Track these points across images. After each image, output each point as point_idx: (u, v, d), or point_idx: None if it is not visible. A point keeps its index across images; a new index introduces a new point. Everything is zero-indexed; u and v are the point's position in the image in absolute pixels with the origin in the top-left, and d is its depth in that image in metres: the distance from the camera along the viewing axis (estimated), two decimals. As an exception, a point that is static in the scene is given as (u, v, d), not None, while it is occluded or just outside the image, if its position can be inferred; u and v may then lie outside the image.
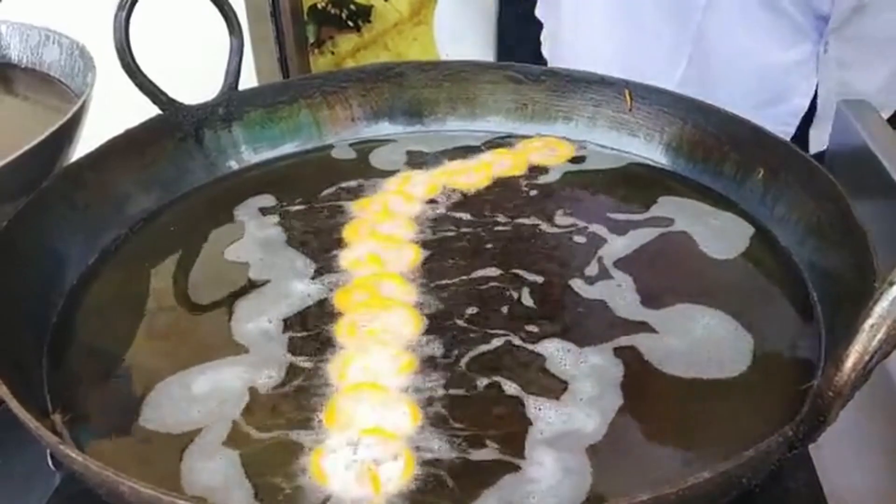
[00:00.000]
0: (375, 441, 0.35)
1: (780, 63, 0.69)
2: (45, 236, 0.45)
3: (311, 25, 1.55)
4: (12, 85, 0.64)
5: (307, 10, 1.54)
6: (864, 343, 0.25)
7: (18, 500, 0.44)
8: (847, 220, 0.41)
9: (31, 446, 0.46)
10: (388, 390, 0.37)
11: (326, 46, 1.57)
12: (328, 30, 1.56)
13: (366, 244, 0.48)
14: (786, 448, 0.29)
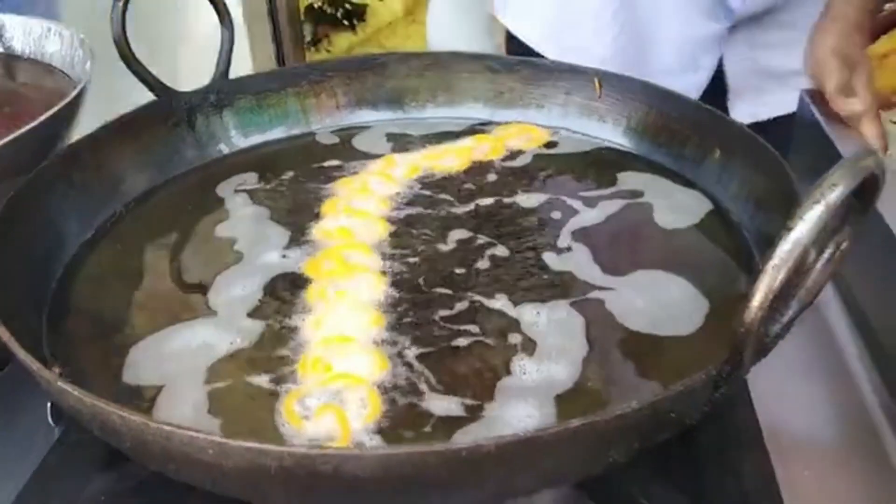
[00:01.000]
0: (345, 386, 0.38)
1: (693, 36, 0.73)
2: (45, 211, 0.48)
3: (307, 24, 1.59)
4: (16, 74, 0.68)
5: (304, 9, 1.58)
6: (767, 282, 0.28)
7: (20, 455, 0.47)
8: (789, 192, 0.44)
9: (31, 405, 0.49)
10: (358, 342, 0.41)
11: (322, 45, 1.61)
12: (324, 28, 1.60)
13: (339, 218, 0.52)
14: (711, 385, 0.32)
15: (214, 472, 0.31)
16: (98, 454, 0.45)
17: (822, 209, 0.27)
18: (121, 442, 0.33)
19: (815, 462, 0.44)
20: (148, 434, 0.31)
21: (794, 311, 0.34)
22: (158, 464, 0.33)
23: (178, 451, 0.31)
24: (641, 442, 0.33)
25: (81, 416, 0.34)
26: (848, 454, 0.45)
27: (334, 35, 1.60)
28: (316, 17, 1.58)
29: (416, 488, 0.31)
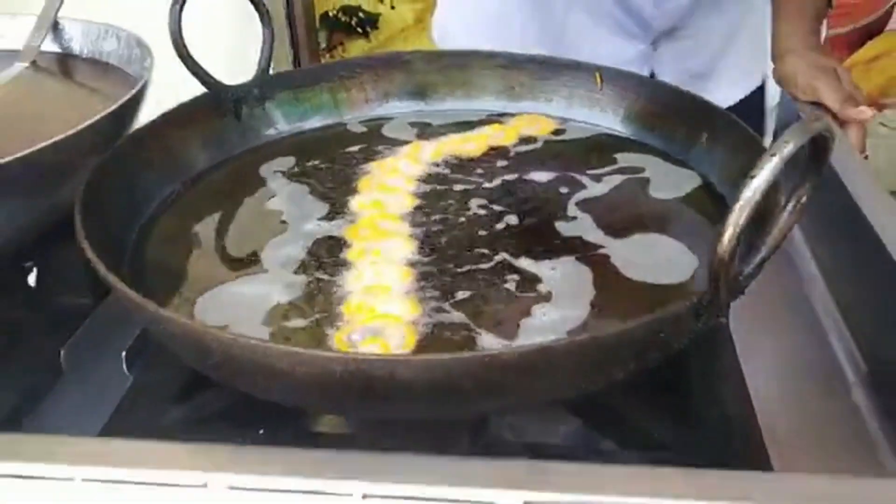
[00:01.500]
0: (385, 324, 0.46)
1: (621, 57, 0.82)
2: (120, 182, 0.56)
3: (322, 32, 1.67)
4: (74, 72, 0.75)
5: (319, 18, 1.66)
6: (735, 219, 0.35)
7: (97, 401, 0.54)
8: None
9: (107, 356, 0.57)
10: (393, 291, 0.48)
11: (337, 51, 1.69)
12: (338, 36, 1.68)
13: (373, 193, 0.59)
14: (694, 312, 0.40)
15: (289, 381, 0.38)
16: (170, 393, 0.53)
17: (777, 160, 0.35)
18: (209, 359, 0.40)
19: (788, 396, 0.51)
20: (236, 348, 0.38)
21: (764, 253, 0.41)
22: (241, 378, 0.40)
23: (261, 363, 0.38)
24: (638, 359, 0.40)
25: (176, 339, 0.41)
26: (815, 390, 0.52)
27: (348, 42, 1.68)
28: (331, 24, 1.66)
29: (455, 392, 0.38)
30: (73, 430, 0.52)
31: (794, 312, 0.57)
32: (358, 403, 0.39)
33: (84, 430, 0.51)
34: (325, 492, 0.35)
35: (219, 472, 0.36)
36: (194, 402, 0.52)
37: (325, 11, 1.66)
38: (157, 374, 0.54)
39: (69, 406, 0.55)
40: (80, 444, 0.40)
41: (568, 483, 0.35)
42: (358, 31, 1.67)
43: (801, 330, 0.55)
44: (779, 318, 0.56)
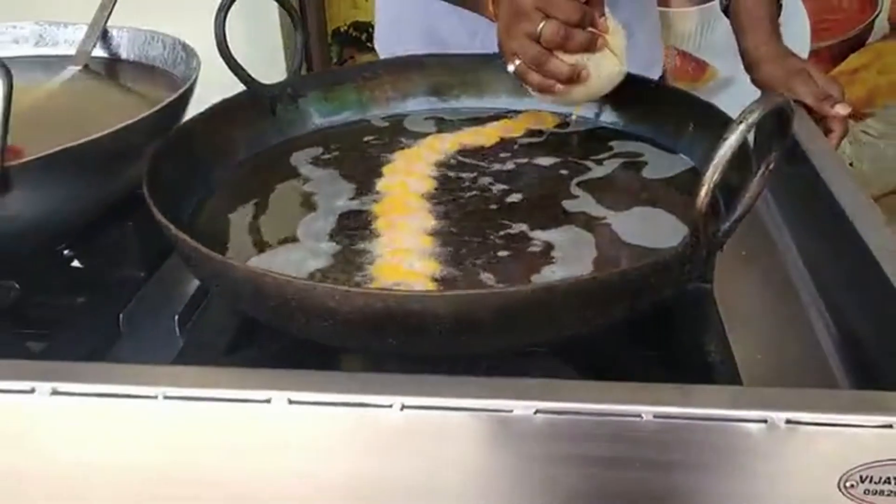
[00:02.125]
0: (410, 279, 0.53)
1: None
2: (174, 168, 0.63)
3: (334, 46, 1.76)
4: (123, 75, 0.83)
5: (331, 33, 1.75)
6: (710, 176, 0.42)
7: (150, 360, 0.61)
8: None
9: (160, 320, 0.64)
10: (415, 253, 0.56)
11: (347, 65, 1.78)
12: (349, 50, 1.76)
13: (398, 176, 0.67)
14: (678, 261, 0.47)
15: (336, 318, 0.45)
16: (220, 347, 0.60)
17: (744, 126, 0.42)
18: (267, 302, 0.47)
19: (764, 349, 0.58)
20: (291, 289, 0.45)
21: (739, 213, 0.49)
22: (293, 318, 0.47)
23: (313, 303, 0.45)
24: (633, 301, 0.47)
25: (237, 284, 0.48)
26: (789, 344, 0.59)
27: (359, 56, 1.77)
28: (342, 40, 1.75)
29: (475, 325, 0.45)
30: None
31: (771, 280, 0.64)
32: (395, 337, 0.46)
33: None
34: (371, 404, 0.42)
35: (280, 391, 0.43)
36: (239, 356, 0.59)
37: (338, 27, 1.75)
38: (207, 333, 0.61)
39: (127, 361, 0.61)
40: (163, 370, 0.46)
41: (571, 395, 0.41)
42: (368, 46, 1.76)
43: (775, 290, 0.63)
44: (756, 287, 0.63)
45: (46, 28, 0.85)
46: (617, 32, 0.66)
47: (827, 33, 1.61)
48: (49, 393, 0.44)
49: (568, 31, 0.62)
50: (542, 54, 0.63)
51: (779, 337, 0.61)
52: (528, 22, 0.63)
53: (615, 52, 0.66)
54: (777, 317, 0.62)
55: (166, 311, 0.64)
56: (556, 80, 0.65)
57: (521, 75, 0.66)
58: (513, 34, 0.65)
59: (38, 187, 0.59)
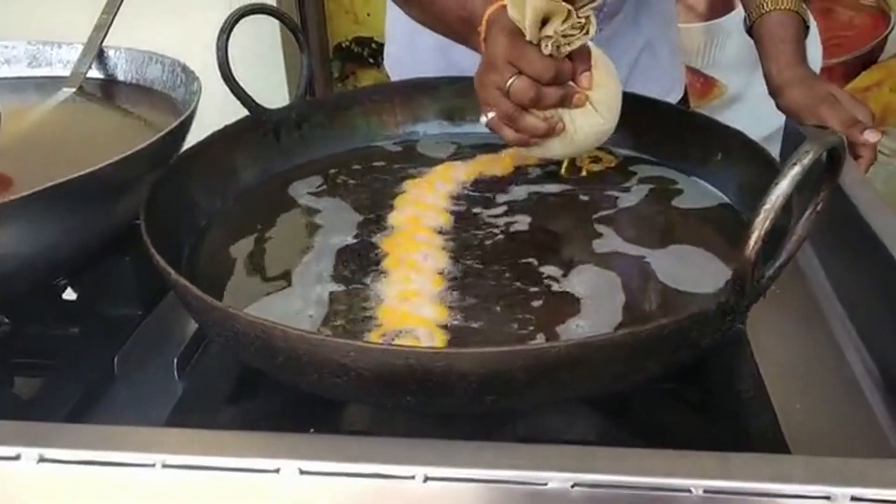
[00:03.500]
0: (416, 325, 0.49)
1: None
2: (175, 200, 0.59)
3: (336, 62, 1.72)
4: (119, 98, 0.79)
5: (333, 49, 1.72)
6: (761, 220, 0.39)
7: (147, 406, 0.57)
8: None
9: (157, 362, 0.60)
10: (424, 296, 0.52)
11: (349, 81, 1.74)
12: (351, 66, 1.73)
13: (409, 209, 0.63)
14: (721, 312, 0.43)
15: (351, 375, 0.41)
16: (222, 395, 0.56)
17: (799, 168, 0.38)
18: (275, 356, 0.43)
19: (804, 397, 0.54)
20: (303, 344, 0.41)
21: (784, 258, 0.45)
22: (303, 374, 0.43)
23: (325, 358, 0.41)
24: (671, 355, 0.43)
25: (243, 336, 0.44)
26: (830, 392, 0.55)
27: (361, 72, 1.73)
28: (344, 55, 1.72)
29: (505, 384, 0.41)
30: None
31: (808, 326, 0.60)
32: (414, 395, 0.42)
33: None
34: (391, 475, 0.38)
35: (291, 459, 0.39)
36: (244, 405, 0.55)
37: (339, 42, 1.72)
38: (208, 379, 0.57)
39: (123, 410, 0.57)
40: (161, 434, 0.43)
41: (613, 466, 0.38)
42: (370, 62, 1.72)
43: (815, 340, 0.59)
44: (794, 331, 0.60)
45: (40, 48, 0.82)
46: (604, 86, 0.61)
47: (839, 50, 1.58)
48: (36, 460, 0.40)
49: (538, 90, 0.58)
50: (514, 109, 0.59)
51: (817, 381, 0.57)
52: (498, 75, 0.59)
53: (597, 108, 0.61)
54: (813, 358, 0.59)
55: (165, 353, 0.60)
56: (531, 135, 0.61)
57: (494, 129, 0.62)
58: (485, 83, 0.60)
59: (30, 224, 0.55)
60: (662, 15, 0.88)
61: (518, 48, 0.56)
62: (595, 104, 0.61)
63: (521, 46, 0.56)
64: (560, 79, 0.58)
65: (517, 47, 0.56)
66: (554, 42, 0.55)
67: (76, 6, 0.83)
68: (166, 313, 0.63)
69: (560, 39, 0.55)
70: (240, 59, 0.69)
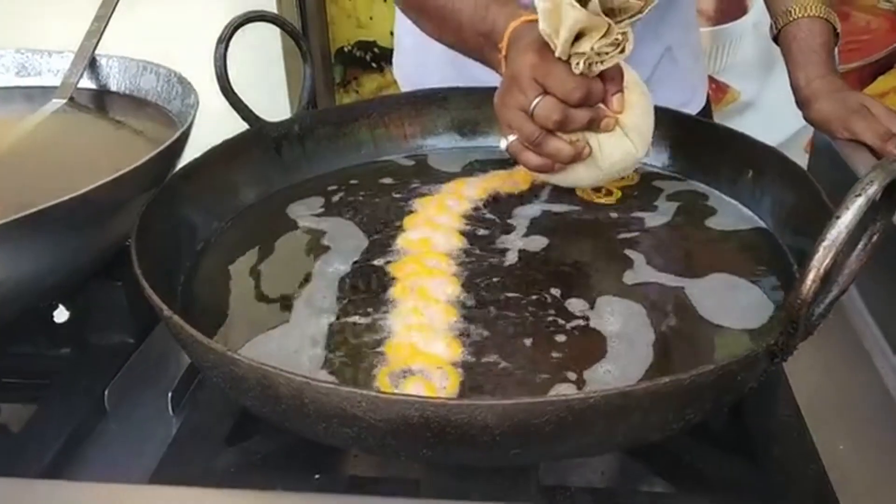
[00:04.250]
0: (427, 364, 0.45)
1: None
2: (170, 223, 0.55)
3: (337, 67, 1.68)
4: (113, 109, 0.75)
5: (334, 53, 1.68)
6: (820, 259, 0.35)
7: (140, 443, 0.53)
8: (817, 201, 0.51)
9: (151, 396, 0.56)
10: (435, 330, 0.48)
11: (351, 86, 1.70)
12: (353, 71, 1.69)
13: (420, 230, 0.59)
14: (769, 355, 0.39)
15: (361, 426, 0.37)
16: (220, 435, 0.52)
17: (863, 200, 0.34)
18: (277, 404, 0.39)
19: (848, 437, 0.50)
20: (309, 392, 0.37)
21: (835, 294, 0.41)
22: (309, 423, 0.39)
23: (333, 407, 0.37)
24: (714, 401, 0.39)
25: (244, 382, 0.40)
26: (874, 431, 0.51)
27: (363, 77, 1.70)
28: (346, 60, 1.68)
29: (532, 437, 0.37)
30: (118, 473, 0.51)
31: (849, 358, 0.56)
32: (431, 448, 0.38)
33: (130, 473, 0.50)
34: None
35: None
36: (245, 444, 0.51)
37: (341, 47, 1.68)
38: (204, 416, 0.53)
39: (114, 448, 0.53)
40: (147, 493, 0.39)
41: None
42: (373, 66, 1.68)
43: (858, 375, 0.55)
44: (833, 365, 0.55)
45: (29, 57, 0.78)
46: (637, 107, 0.56)
47: (854, 55, 1.54)
48: (12, 523, 0.36)
49: (565, 111, 0.52)
50: (538, 133, 0.54)
51: (860, 420, 0.53)
52: (522, 94, 0.53)
53: (628, 133, 0.55)
54: (855, 395, 0.55)
55: (158, 386, 0.56)
56: (555, 161, 0.55)
57: (515, 153, 0.56)
58: (507, 103, 0.55)
59: (12, 250, 0.51)
60: (683, 20, 0.84)
61: (545, 65, 0.51)
62: (625, 129, 0.55)
63: (548, 64, 0.51)
64: (590, 100, 0.53)
65: (544, 64, 0.51)
66: (587, 59, 0.50)
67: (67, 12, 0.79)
68: (160, 342, 0.59)
69: (594, 57, 0.50)
70: (240, 69, 0.65)
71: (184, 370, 0.56)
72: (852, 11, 1.52)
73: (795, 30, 0.75)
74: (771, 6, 0.78)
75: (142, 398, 0.56)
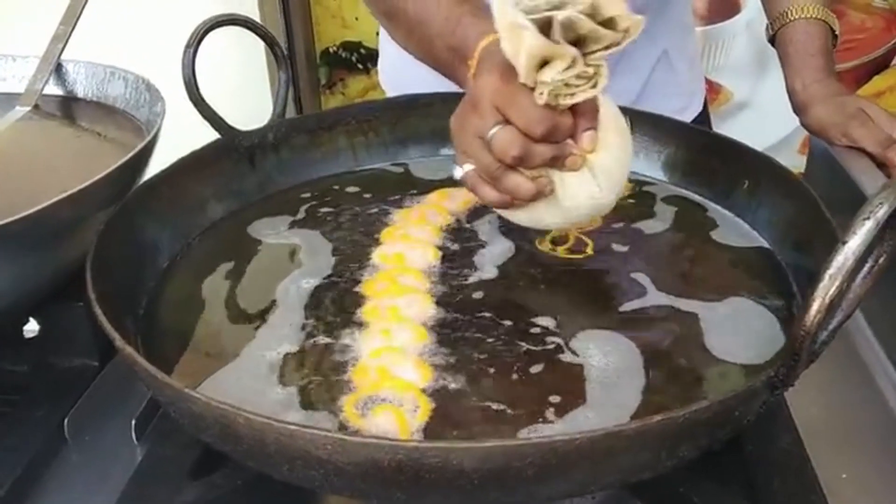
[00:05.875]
0: (396, 391, 0.42)
1: None
2: (132, 239, 0.52)
3: (323, 68, 1.65)
4: (79, 117, 0.72)
5: (320, 54, 1.64)
6: (825, 288, 0.32)
7: (102, 474, 0.50)
8: (816, 214, 0.49)
9: (114, 423, 0.53)
10: (406, 353, 0.45)
11: (337, 88, 1.67)
12: (339, 72, 1.66)
13: (396, 245, 0.56)
14: (769, 387, 0.36)
15: (328, 469, 0.34)
16: (184, 467, 0.48)
17: (872, 224, 0.32)
18: (238, 444, 0.36)
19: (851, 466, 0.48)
20: (270, 434, 0.34)
21: (839, 319, 0.38)
22: (272, 464, 0.36)
23: (297, 449, 0.34)
24: (710, 437, 0.37)
25: (202, 420, 0.37)
26: (879, 459, 0.48)
27: (349, 78, 1.66)
28: (332, 61, 1.64)
29: (512, 480, 0.34)
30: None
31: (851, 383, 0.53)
32: (405, 491, 0.35)
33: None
34: None
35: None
36: (213, 477, 0.48)
37: (327, 48, 1.64)
38: (170, 445, 0.50)
39: (74, 479, 0.51)
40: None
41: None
42: (359, 68, 1.65)
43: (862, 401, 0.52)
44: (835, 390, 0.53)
45: (-9, 62, 0.74)
46: (611, 148, 0.48)
47: (850, 54, 1.52)
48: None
49: (526, 146, 0.45)
50: (496, 165, 0.47)
51: (863, 448, 0.50)
52: (481, 120, 0.46)
53: (596, 175, 0.48)
54: (858, 421, 0.52)
55: (122, 413, 0.53)
56: (514, 197, 0.48)
57: (470, 187, 0.50)
58: (465, 128, 0.49)
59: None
60: (679, 24, 0.81)
61: (509, 91, 0.45)
62: (594, 170, 0.48)
63: (512, 89, 0.44)
64: (555, 135, 0.46)
65: (508, 90, 0.45)
66: (552, 91, 0.43)
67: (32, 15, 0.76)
68: (125, 365, 0.56)
69: (562, 89, 0.43)
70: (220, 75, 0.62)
71: (149, 395, 0.53)
72: (847, 10, 1.50)
73: (792, 32, 0.72)
74: (767, 7, 0.75)
75: (105, 425, 0.53)
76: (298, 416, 0.42)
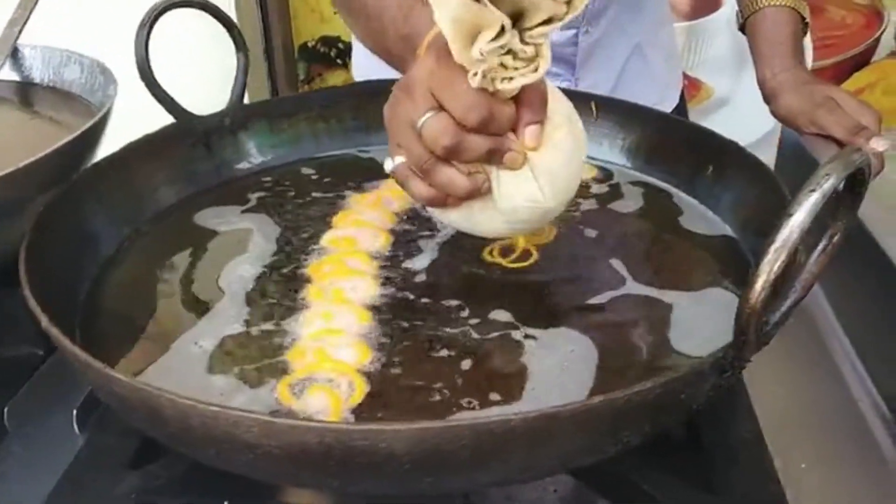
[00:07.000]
0: (333, 372, 0.41)
1: None
2: (76, 222, 0.51)
3: (301, 63, 1.63)
4: (34, 102, 0.70)
5: (298, 49, 1.62)
6: (770, 262, 0.31)
7: (45, 463, 0.48)
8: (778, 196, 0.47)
9: (56, 413, 0.51)
10: (346, 335, 0.44)
11: (316, 83, 1.65)
12: (317, 67, 1.64)
13: (348, 229, 0.55)
14: (718, 368, 0.35)
15: (256, 453, 0.33)
16: (124, 456, 0.47)
17: (818, 196, 0.30)
18: (164, 427, 0.35)
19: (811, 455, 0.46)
20: (195, 416, 0.33)
21: (791, 301, 0.37)
22: (199, 448, 0.35)
23: (223, 432, 0.33)
24: (654, 422, 0.35)
25: (127, 402, 0.35)
26: (840, 447, 0.47)
27: (327, 73, 1.65)
28: (310, 56, 1.63)
29: (446, 464, 0.33)
30: (16, 497, 0.47)
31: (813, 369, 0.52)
32: (338, 477, 0.34)
33: (29, 498, 0.45)
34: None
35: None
36: (152, 467, 0.46)
37: (305, 42, 1.62)
38: (111, 435, 0.48)
39: (13, 470, 0.49)
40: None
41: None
42: (337, 63, 1.64)
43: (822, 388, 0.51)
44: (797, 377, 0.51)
45: (-55, 46, 0.72)
46: (559, 149, 0.43)
47: (830, 50, 1.51)
48: None
49: (458, 136, 0.40)
50: (426, 156, 0.42)
51: (824, 435, 0.49)
52: (413, 105, 0.41)
53: (537, 176, 0.42)
54: (819, 408, 0.51)
55: (65, 402, 0.51)
56: (447, 193, 0.43)
57: (400, 180, 0.44)
58: (397, 114, 0.43)
59: None
60: (654, 16, 0.80)
61: (444, 73, 0.39)
62: (535, 170, 0.42)
63: (448, 72, 0.39)
64: (492, 126, 0.40)
65: (443, 72, 0.39)
66: (487, 73, 0.38)
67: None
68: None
69: (498, 71, 0.38)
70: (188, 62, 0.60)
71: (92, 385, 0.51)
72: (828, 7, 1.49)
73: (761, 19, 0.71)
74: None
75: (47, 415, 0.51)
76: (238, 401, 0.41)
